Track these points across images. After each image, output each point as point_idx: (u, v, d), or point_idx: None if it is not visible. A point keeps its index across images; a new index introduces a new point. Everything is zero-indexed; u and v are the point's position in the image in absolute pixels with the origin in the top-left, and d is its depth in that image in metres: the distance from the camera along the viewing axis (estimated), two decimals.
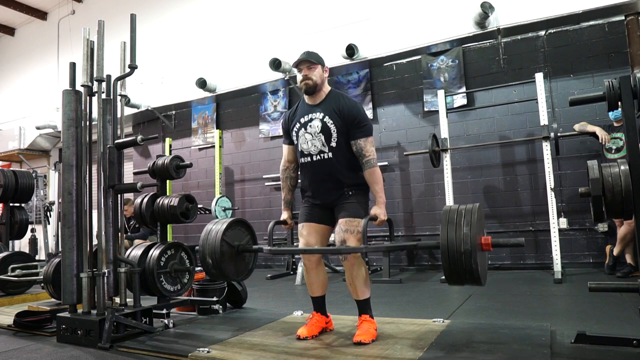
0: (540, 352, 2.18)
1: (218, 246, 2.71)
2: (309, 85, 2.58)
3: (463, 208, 2.21)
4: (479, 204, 2.25)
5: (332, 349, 2.41)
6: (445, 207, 2.29)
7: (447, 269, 2.15)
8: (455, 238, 2.11)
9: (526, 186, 5.40)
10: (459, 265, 2.10)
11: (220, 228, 2.77)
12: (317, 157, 2.59)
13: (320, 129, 2.57)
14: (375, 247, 2.43)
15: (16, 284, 4.34)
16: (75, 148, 2.96)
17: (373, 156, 2.55)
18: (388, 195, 6.06)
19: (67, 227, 2.89)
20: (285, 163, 2.81)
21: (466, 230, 2.11)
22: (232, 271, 2.80)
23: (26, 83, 10.50)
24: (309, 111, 2.64)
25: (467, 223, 2.12)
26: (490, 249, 2.20)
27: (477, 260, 2.08)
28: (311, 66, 2.58)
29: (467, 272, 2.11)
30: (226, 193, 7.31)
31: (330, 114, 2.57)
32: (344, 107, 2.57)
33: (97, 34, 3.03)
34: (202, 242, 2.76)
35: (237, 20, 7.37)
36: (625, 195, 1.99)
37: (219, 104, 7.74)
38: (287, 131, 2.77)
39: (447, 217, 2.20)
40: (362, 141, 2.54)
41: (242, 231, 2.92)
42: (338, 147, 2.56)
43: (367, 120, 2.61)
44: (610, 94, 2.13)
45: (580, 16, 5.00)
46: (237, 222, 2.88)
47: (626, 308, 3.16)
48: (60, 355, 2.60)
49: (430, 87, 5.95)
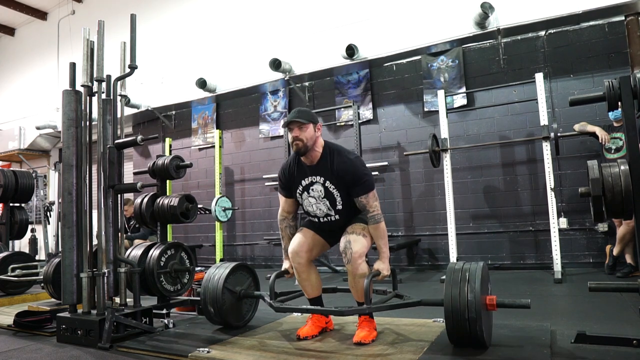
0: (540, 352, 2.18)
1: (220, 294, 2.77)
2: (299, 146, 2.50)
3: (467, 269, 2.23)
4: (483, 263, 2.28)
5: (332, 349, 2.41)
6: (450, 266, 2.31)
7: (450, 332, 2.20)
8: (459, 303, 2.13)
9: (526, 186, 5.40)
10: (463, 330, 2.14)
11: (222, 273, 2.83)
12: (325, 219, 2.61)
13: (323, 194, 2.55)
14: (377, 307, 2.45)
15: (16, 284, 4.34)
16: (75, 148, 2.96)
17: (377, 211, 2.51)
18: (388, 195, 6.08)
19: (67, 227, 2.89)
20: (283, 213, 2.78)
21: (471, 297, 2.12)
22: (233, 318, 2.90)
23: (26, 83, 10.51)
24: (308, 173, 2.58)
25: (472, 289, 2.14)
26: (495, 309, 2.23)
27: (482, 327, 2.11)
28: (302, 126, 2.48)
29: (472, 338, 2.15)
30: (226, 193, 7.31)
31: (330, 177, 2.53)
32: (339, 169, 2.50)
33: (97, 34, 3.03)
34: (204, 288, 2.82)
35: (237, 20, 7.37)
36: (625, 195, 1.99)
37: (219, 104, 7.74)
38: (287, 187, 2.70)
39: (451, 279, 2.23)
40: (363, 198, 2.50)
41: (244, 275, 2.98)
42: (344, 208, 2.56)
43: (367, 175, 2.52)
44: (610, 94, 2.13)
45: (580, 16, 5.00)
46: (239, 266, 2.94)
47: (626, 308, 3.16)
48: (60, 355, 2.60)
49: (430, 87, 5.94)
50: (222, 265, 2.93)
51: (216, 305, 2.77)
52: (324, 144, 2.59)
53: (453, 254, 4.90)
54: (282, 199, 2.77)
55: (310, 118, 2.53)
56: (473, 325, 2.11)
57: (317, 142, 2.55)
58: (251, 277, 3.03)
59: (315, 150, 2.54)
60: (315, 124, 2.53)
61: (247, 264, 3.06)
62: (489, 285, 2.33)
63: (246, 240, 7.27)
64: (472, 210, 5.64)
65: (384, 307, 2.46)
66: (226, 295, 2.80)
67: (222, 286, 2.77)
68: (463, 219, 5.59)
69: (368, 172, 2.56)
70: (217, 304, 2.77)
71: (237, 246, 7.36)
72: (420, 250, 5.90)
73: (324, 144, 2.59)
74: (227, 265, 2.90)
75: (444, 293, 2.20)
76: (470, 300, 2.10)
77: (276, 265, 6.86)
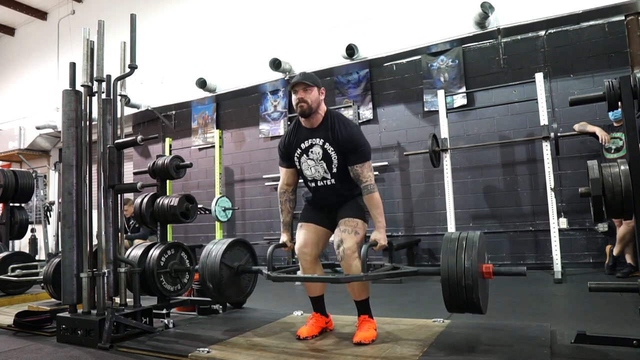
0: (540, 352, 2.18)
1: (217, 269, 2.74)
2: (303, 108, 2.53)
3: (464, 237, 2.21)
4: (480, 232, 2.27)
5: (332, 349, 2.41)
6: (446, 235, 2.30)
7: (448, 301, 2.18)
8: (456, 270, 2.12)
9: (526, 186, 5.40)
10: (460, 297, 2.13)
11: (219, 249, 2.80)
12: (321, 183, 2.62)
13: (321, 155, 2.57)
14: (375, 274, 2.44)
15: (16, 284, 4.34)
16: (75, 148, 2.96)
17: (371, 182, 2.52)
18: (388, 195, 6.07)
19: (67, 227, 2.89)
20: (283, 186, 2.79)
21: (467, 264, 2.11)
22: (232, 293, 2.86)
23: (26, 83, 10.50)
24: (308, 136, 2.61)
25: (469, 257, 2.13)
26: (491, 277, 2.22)
27: (479, 294, 2.10)
28: (307, 88, 2.52)
29: (468, 304, 2.14)
30: (226, 193, 7.31)
31: (329, 139, 2.55)
32: (340, 134, 2.53)
33: (97, 34, 3.02)
34: (202, 264, 2.80)
35: (237, 20, 7.37)
36: (625, 195, 1.99)
37: (219, 104, 7.74)
38: (287, 156, 2.71)
39: (447, 247, 2.21)
40: (358, 167, 2.52)
41: (242, 250, 2.96)
42: (339, 172, 2.57)
43: (364, 145, 2.56)
44: (610, 94, 2.13)
45: (580, 16, 5.00)
46: (236, 242, 2.91)
47: (626, 308, 3.16)
48: (60, 355, 2.60)
49: (430, 87, 5.94)
50: (220, 241, 2.91)
51: (214, 280, 2.74)
52: (326, 109, 2.64)
53: None
54: (282, 171, 2.78)
55: (315, 81, 2.56)
56: (469, 292, 2.09)
57: (320, 105, 2.59)
58: (249, 252, 2.99)
59: (318, 113, 2.58)
60: (319, 88, 2.57)
61: (244, 240, 3.01)
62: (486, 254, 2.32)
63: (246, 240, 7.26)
64: (472, 210, 5.64)
65: (381, 275, 2.47)
66: (224, 270, 2.77)
67: (219, 261, 2.74)
68: (463, 219, 5.59)
69: (366, 143, 2.59)
70: (215, 279, 2.73)
71: None
72: (420, 250, 5.90)
73: (326, 109, 2.63)
74: (225, 241, 2.87)
75: (441, 262, 2.19)
76: (467, 268, 2.10)
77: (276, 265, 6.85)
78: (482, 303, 2.15)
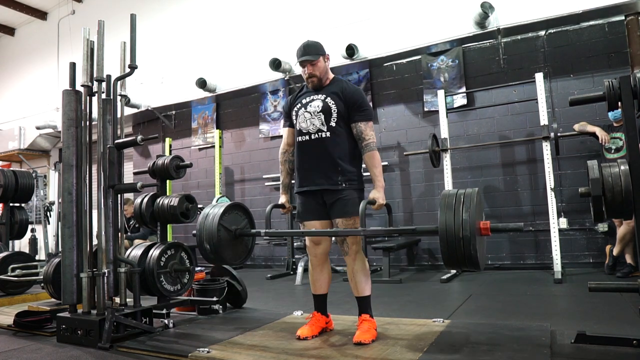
0: (540, 352, 2.18)
1: (215, 231, 2.67)
2: (314, 82, 2.65)
3: (462, 193, 2.18)
4: (478, 188, 2.24)
5: (332, 349, 2.41)
6: (444, 192, 2.27)
7: (446, 254, 2.14)
8: (454, 224, 2.09)
9: (526, 186, 5.40)
10: (458, 251, 2.09)
11: (217, 212, 2.73)
12: (315, 136, 2.59)
13: (320, 108, 2.58)
14: (373, 230, 2.43)
15: (16, 284, 4.33)
16: (75, 148, 2.96)
17: (373, 140, 2.57)
18: (388, 196, 6.04)
19: (67, 227, 2.89)
20: (284, 146, 2.81)
21: (465, 216, 2.08)
22: (229, 256, 2.77)
23: (26, 83, 10.50)
24: (312, 94, 2.67)
25: (467, 209, 2.10)
26: (489, 233, 2.17)
27: (477, 247, 2.07)
28: (314, 62, 2.60)
29: (465, 258, 2.09)
30: (226, 193, 7.31)
31: (332, 95, 2.60)
32: (346, 90, 2.61)
33: (97, 34, 3.03)
34: (200, 226, 2.72)
35: (237, 20, 7.37)
36: (625, 195, 1.99)
37: (219, 104, 7.74)
38: (289, 113, 2.78)
39: (445, 202, 2.18)
40: (362, 124, 2.56)
41: (240, 215, 2.88)
42: (337, 128, 2.56)
43: (369, 106, 2.65)
44: (610, 94, 2.13)
45: (580, 16, 5.00)
46: (234, 206, 2.85)
47: (626, 308, 3.16)
48: (60, 355, 2.60)
49: (430, 87, 5.94)
50: (218, 204, 2.86)
51: (211, 241, 2.68)
52: (334, 76, 2.73)
53: None
54: (284, 132, 2.82)
55: (319, 51, 2.64)
56: (467, 245, 2.06)
57: (328, 72, 2.69)
58: (247, 217, 2.92)
59: (326, 80, 2.67)
60: (324, 55, 2.65)
61: (242, 204, 2.96)
62: (483, 213, 2.30)
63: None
64: None
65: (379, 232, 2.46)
66: (221, 232, 2.71)
67: (217, 223, 2.68)
68: None
69: (370, 106, 2.72)
70: (212, 240, 2.67)
71: None
72: (420, 251, 5.90)
73: (333, 75, 2.72)
74: (222, 205, 2.83)
75: (438, 218, 2.16)
76: (464, 220, 2.07)
77: (276, 265, 6.86)
78: (479, 257, 2.12)
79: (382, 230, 2.45)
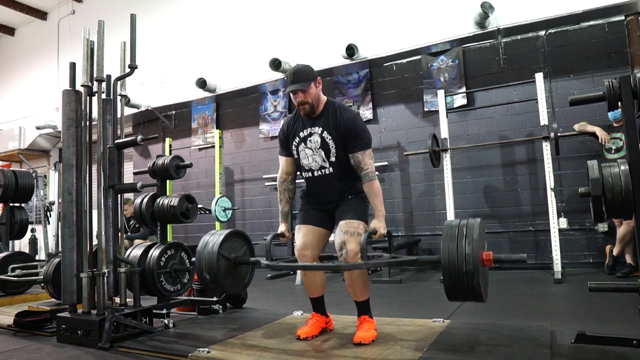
0: (540, 352, 2.18)
1: (215, 260, 2.71)
2: (306, 110, 2.55)
3: (464, 224, 2.19)
4: (480, 219, 2.25)
5: (332, 349, 2.41)
6: (447, 222, 2.28)
7: (448, 287, 2.16)
8: (457, 257, 2.10)
9: (526, 186, 5.40)
10: (461, 284, 2.11)
11: (216, 240, 2.77)
12: (319, 173, 2.59)
13: (319, 144, 2.55)
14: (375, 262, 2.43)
15: (16, 284, 4.34)
16: (75, 148, 2.96)
17: (371, 169, 2.51)
18: (388, 195, 6.07)
19: (67, 227, 2.89)
20: (282, 175, 2.77)
21: (468, 249, 2.09)
22: (230, 284, 2.83)
23: (26, 83, 10.50)
24: (307, 125, 2.60)
25: (470, 242, 2.11)
26: (492, 264, 2.19)
27: (480, 281, 2.09)
28: (304, 89, 2.51)
29: (468, 291, 2.11)
30: (226, 193, 7.31)
31: (329, 128, 2.53)
32: (340, 121, 2.51)
33: (97, 34, 3.03)
34: (199, 254, 2.76)
35: (237, 20, 7.36)
36: (625, 195, 1.99)
37: (219, 104, 7.74)
38: (286, 144, 2.71)
39: (448, 234, 2.19)
40: (359, 154, 2.50)
41: (239, 242, 2.93)
42: (338, 161, 2.54)
43: (365, 133, 2.55)
44: (610, 94, 2.13)
45: (580, 16, 5.00)
46: (233, 233, 2.89)
47: (626, 308, 3.16)
48: (60, 355, 2.60)
49: (430, 87, 5.94)
50: (217, 232, 2.88)
51: (211, 271, 2.70)
52: (326, 99, 2.62)
53: None
54: (282, 160, 2.76)
55: (310, 77, 2.53)
56: (470, 278, 2.07)
57: (320, 97, 2.59)
58: (246, 244, 2.95)
59: (319, 106, 2.58)
60: (315, 80, 2.54)
61: (242, 231, 2.98)
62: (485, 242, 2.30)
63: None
64: (472, 210, 5.64)
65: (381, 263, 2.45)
66: (221, 262, 2.74)
67: (216, 252, 2.70)
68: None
69: (366, 130, 2.58)
70: (212, 270, 2.70)
71: None
72: (420, 251, 5.89)
73: (325, 99, 2.62)
74: (222, 232, 2.85)
75: (441, 249, 2.16)
76: (468, 254, 2.07)
77: None
78: (482, 290, 2.14)
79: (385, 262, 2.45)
